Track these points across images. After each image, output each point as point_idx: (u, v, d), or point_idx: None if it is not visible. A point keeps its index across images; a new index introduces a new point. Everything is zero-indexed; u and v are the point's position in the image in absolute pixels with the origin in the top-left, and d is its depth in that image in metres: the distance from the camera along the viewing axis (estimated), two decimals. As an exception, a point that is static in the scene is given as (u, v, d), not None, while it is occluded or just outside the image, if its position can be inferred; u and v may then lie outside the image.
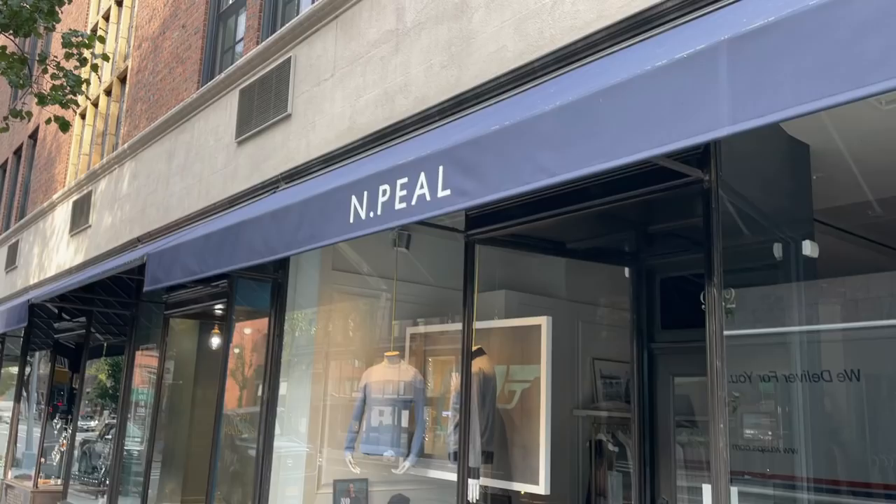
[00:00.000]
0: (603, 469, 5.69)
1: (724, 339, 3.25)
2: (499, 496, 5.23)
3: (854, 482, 4.54)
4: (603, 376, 6.22)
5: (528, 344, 5.08)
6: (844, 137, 3.96)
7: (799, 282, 4.27)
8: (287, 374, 6.24)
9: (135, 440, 8.48)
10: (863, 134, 3.91)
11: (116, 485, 8.21)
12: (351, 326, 6.62)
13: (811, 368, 4.44)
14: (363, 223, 3.45)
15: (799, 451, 4.27)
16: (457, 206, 2.96)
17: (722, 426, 3.14)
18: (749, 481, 4.27)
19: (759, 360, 4.58)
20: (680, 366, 4.76)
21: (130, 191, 9.48)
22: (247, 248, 4.28)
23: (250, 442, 6.31)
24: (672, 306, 4.99)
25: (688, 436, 4.90)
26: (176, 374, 8.63)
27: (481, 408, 4.85)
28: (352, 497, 5.61)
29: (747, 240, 4.03)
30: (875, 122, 3.78)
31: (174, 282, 5.15)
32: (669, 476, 4.73)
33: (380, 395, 5.55)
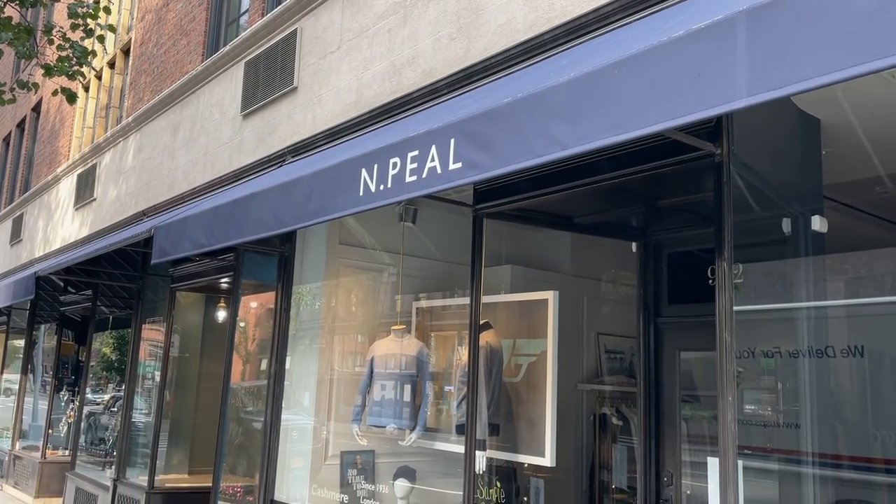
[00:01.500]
0: (607, 442, 5.73)
1: (734, 313, 3.26)
2: (503, 468, 5.28)
3: (856, 457, 4.58)
4: (607, 351, 6.25)
5: (534, 318, 5.10)
6: (856, 111, 3.94)
7: (807, 257, 4.27)
8: (293, 349, 6.28)
9: (141, 412, 8.56)
10: (875, 108, 3.89)
11: (124, 455, 8.30)
12: (356, 301, 6.64)
13: (816, 344, 4.46)
14: (373, 196, 3.45)
15: (802, 426, 4.30)
16: (468, 178, 2.96)
17: (730, 399, 3.16)
18: (751, 456, 4.30)
19: (764, 335, 4.60)
20: (686, 340, 4.78)
21: (135, 164, 9.46)
22: (256, 221, 4.28)
23: (256, 415, 6.37)
24: (679, 281, 5.00)
25: (692, 410, 4.93)
26: (182, 348, 8.68)
27: (488, 381, 4.89)
28: (359, 468, 5.68)
29: (756, 215, 4.03)
30: (887, 96, 3.76)
31: (182, 254, 5.16)
32: (674, 450, 4.77)
33: (384, 369, 5.59)
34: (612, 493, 5.49)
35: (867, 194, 5.12)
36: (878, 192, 5.17)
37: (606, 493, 5.55)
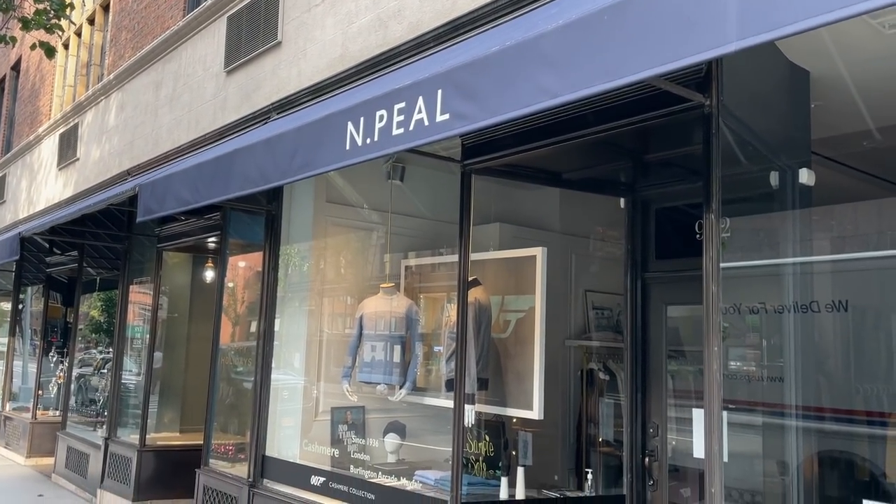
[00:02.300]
0: (594, 397, 5.81)
1: (720, 265, 3.28)
2: (492, 422, 5.35)
3: (838, 409, 4.67)
4: (595, 307, 6.29)
5: (522, 275, 5.11)
6: (846, 63, 3.91)
7: (794, 210, 4.28)
8: (282, 310, 6.28)
9: (131, 373, 8.57)
10: (865, 60, 3.86)
11: (115, 415, 8.34)
12: (345, 261, 6.63)
13: (801, 300, 4.49)
14: (360, 150, 3.41)
15: (786, 380, 4.36)
16: (456, 130, 2.92)
17: (716, 349, 3.19)
18: (735, 410, 4.35)
19: (750, 291, 4.64)
20: (673, 294, 4.82)
21: (118, 123, 9.31)
22: (241, 177, 4.23)
23: (247, 375, 6.40)
24: (666, 237, 5.01)
25: (678, 366, 4.99)
26: (171, 308, 8.67)
27: (477, 336, 4.91)
28: (349, 424, 5.73)
29: (744, 168, 4.02)
30: (878, 48, 3.73)
31: (167, 212, 5.11)
32: (660, 403, 4.84)
33: (373, 330, 5.60)
34: (599, 447, 5.58)
35: (854, 148, 5.12)
36: (866, 147, 5.17)
37: (593, 446, 5.64)
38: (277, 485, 5.66)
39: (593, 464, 5.48)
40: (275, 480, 5.71)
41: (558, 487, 5.17)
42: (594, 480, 5.20)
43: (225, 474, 6.27)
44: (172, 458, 7.62)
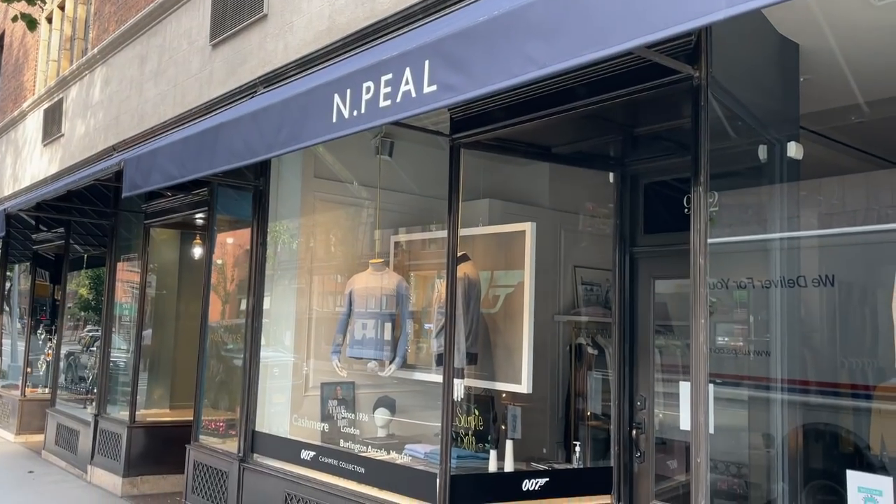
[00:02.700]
0: (582, 371, 5.84)
1: (708, 237, 3.28)
2: (482, 397, 5.38)
3: (823, 383, 4.72)
4: (584, 283, 6.30)
5: (512, 250, 5.11)
6: (836, 36, 3.89)
7: (782, 184, 4.29)
8: (272, 288, 6.26)
9: (120, 351, 8.55)
10: (855, 33, 3.84)
11: (104, 392, 8.33)
12: (334, 237, 6.60)
13: (788, 274, 4.52)
14: (346, 122, 3.37)
15: (773, 354, 4.39)
16: (443, 101, 2.90)
17: (703, 322, 3.21)
18: (722, 384, 4.39)
19: (737, 266, 4.66)
20: (661, 269, 4.83)
21: (103, 98, 9.19)
22: (227, 151, 4.19)
23: (236, 352, 6.39)
24: (655, 211, 5.01)
25: (666, 340, 5.02)
26: (159, 285, 8.63)
27: (466, 311, 4.92)
28: (339, 399, 5.75)
29: (732, 142, 4.02)
30: (868, 21, 3.71)
31: (153, 187, 5.06)
32: (648, 376, 4.87)
33: (364, 308, 5.59)
34: (587, 420, 5.62)
35: (843, 123, 5.12)
36: (854, 121, 5.17)
37: (581, 419, 5.68)
38: (268, 459, 5.69)
39: (581, 437, 5.53)
40: (265, 455, 5.73)
41: (547, 460, 5.21)
42: (582, 453, 5.25)
43: (215, 450, 6.28)
44: (162, 434, 7.63)
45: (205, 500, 6.20)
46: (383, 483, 4.71)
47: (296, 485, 5.22)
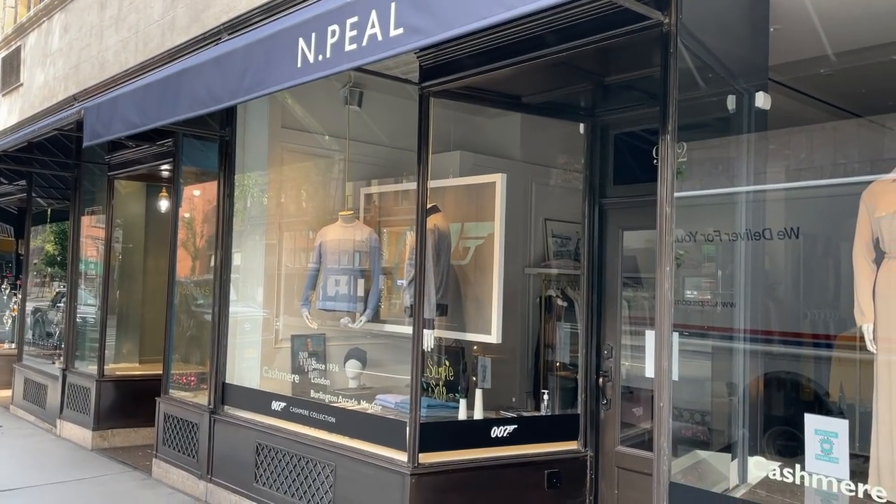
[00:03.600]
0: (552, 323, 5.90)
1: (675, 186, 3.30)
2: (452, 348, 5.42)
3: (786, 332, 4.82)
4: (554, 236, 6.33)
5: (482, 202, 5.10)
6: (807, -16, 3.87)
7: (749, 134, 4.30)
8: (242, 244, 6.18)
9: (88, 306, 8.45)
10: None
11: (72, 347, 8.25)
12: (304, 190, 6.52)
13: (754, 227, 4.56)
14: (311, 67, 3.30)
15: (737, 305, 4.46)
16: (410, 45, 2.84)
17: (668, 269, 3.25)
18: (688, 335, 4.45)
19: (704, 219, 4.70)
20: (630, 220, 4.86)
21: (62, 45, 8.88)
22: (189, 98, 4.08)
23: (206, 307, 6.34)
24: (624, 162, 5.02)
25: (634, 293, 5.09)
26: (125, 239, 8.49)
27: (436, 263, 4.92)
28: (309, 351, 5.75)
29: (701, 92, 4.01)
30: (838, -32, 3.69)
31: (114, 136, 4.93)
32: (615, 325, 4.94)
33: (336, 264, 5.56)
34: (557, 370, 5.70)
35: (810, 73, 5.12)
36: (822, 73, 5.18)
37: (551, 370, 5.76)
38: (238, 411, 5.70)
39: (550, 387, 5.61)
40: (236, 407, 5.74)
41: (516, 409, 5.30)
42: (550, 401, 5.34)
43: (185, 402, 6.28)
44: (132, 387, 7.60)
45: (176, 451, 6.21)
46: (354, 432, 4.76)
47: (267, 435, 5.25)
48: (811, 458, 3.17)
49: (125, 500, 5.77)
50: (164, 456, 6.37)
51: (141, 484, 6.24)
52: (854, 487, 2.98)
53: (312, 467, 4.84)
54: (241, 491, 5.40)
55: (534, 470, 4.58)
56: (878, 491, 3.01)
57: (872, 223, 3.28)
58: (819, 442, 3.21)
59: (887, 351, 3.20)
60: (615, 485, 4.77)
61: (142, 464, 6.79)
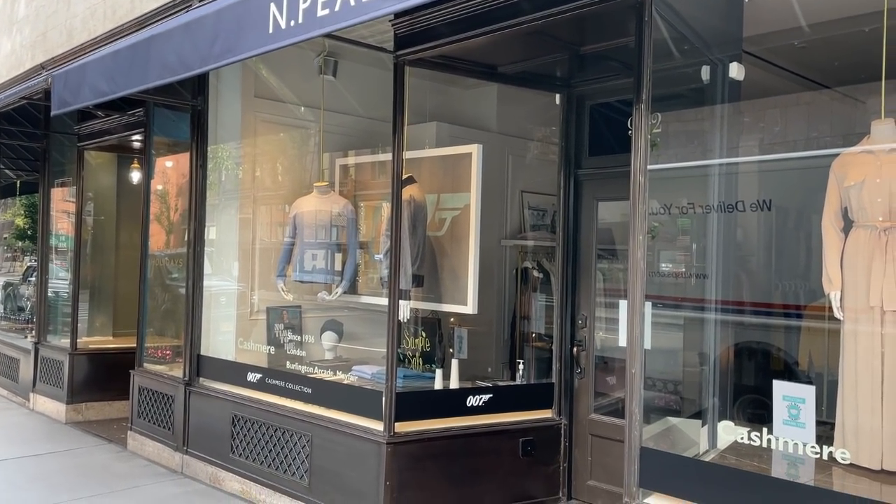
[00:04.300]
0: (528, 294, 5.94)
1: (648, 155, 3.31)
2: (429, 319, 5.44)
3: (757, 303, 4.90)
4: (530, 208, 6.34)
5: (458, 172, 5.08)
6: (782, -46, 3.87)
7: (723, 105, 4.32)
8: (217, 217, 6.11)
9: (60, 280, 8.33)
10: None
11: (43, 321, 8.15)
12: (278, 162, 6.45)
13: (727, 199, 4.61)
14: (283, 33, 3.25)
15: (710, 277, 4.51)
16: (384, 10, 2.80)
17: (641, 238, 3.27)
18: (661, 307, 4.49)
19: (679, 192, 4.74)
20: (605, 191, 4.88)
21: (29, 13, 8.65)
22: (159, 65, 4.00)
23: (181, 281, 6.28)
24: (600, 133, 5.03)
25: (609, 265, 5.13)
26: (97, 212, 8.36)
27: (413, 234, 4.91)
28: (285, 323, 5.74)
29: (676, 62, 4.02)
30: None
31: (83, 104, 4.83)
32: (589, 295, 4.98)
33: (313, 238, 5.52)
34: (532, 341, 5.75)
35: (784, 44, 5.14)
36: (796, 46, 5.20)
37: (527, 341, 5.81)
38: (214, 383, 5.69)
39: (526, 357, 5.66)
40: (211, 379, 5.73)
41: (492, 379, 5.34)
42: (526, 371, 5.39)
43: (161, 374, 6.25)
44: (106, 361, 7.54)
45: (151, 424, 6.19)
46: (330, 402, 4.77)
47: (243, 406, 5.25)
48: (779, 423, 3.24)
49: (100, 472, 5.75)
50: (139, 428, 6.35)
51: (116, 456, 6.22)
52: (819, 450, 3.06)
53: (289, 438, 4.85)
54: (218, 462, 5.41)
55: (508, 438, 4.63)
56: (843, 453, 3.09)
57: (842, 192, 3.33)
58: (787, 408, 3.28)
59: (853, 320, 3.26)
60: (588, 452, 4.85)
61: (117, 437, 6.76)
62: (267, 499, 4.97)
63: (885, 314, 3.16)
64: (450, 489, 4.41)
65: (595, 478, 4.82)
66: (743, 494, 3.03)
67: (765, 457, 3.26)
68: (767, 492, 2.99)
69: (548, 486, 4.81)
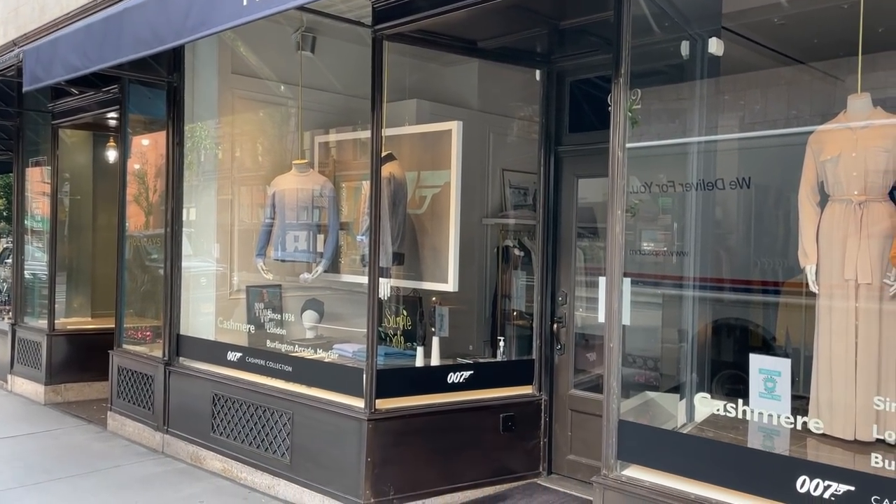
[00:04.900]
0: (509, 273, 5.95)
1: (627, 130, 3.31)
2: (410, 297, 5.43)
3: (736, 280, 4.94)
4: (512, 186, 6.34)
5: (438, 149, 5.06)
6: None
7: (702, 86, 4.32)
8: (197, 198, 6.04)
9: (36, 260, 8.23)
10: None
11: (20, 302, 8.05)
12: (257, 141, 6.37)
13: (706, 177, 4.62)
14: (258, 5, 3.19)
15: (689, 255, 4.53)
16: (359, -20, 2.75)
17: (619, 213, 3.28)
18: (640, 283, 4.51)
19: (659, 170, 4.75)
20: (585, 168, 4.88)
21: (-2, -12, 8.44)
22: (132, 39, 3.93)
23: (161, 262, 6.22)
24: (580, 110, 5.02)
25: (590, 243, 5.14)
26: (73, 191, 8.24)
27: (393, 212, 4.89)
28: (265, 302, 5.71)
29: (655, 38, 4.01)
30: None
31: (56, 80, 4.73)
32: (569, 272, 5.00)
33: (294, 219, 5.47)
34: (513, 319, 5.77)
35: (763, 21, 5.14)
36: (776, 23, 5.20)
37: (508, 319, 5.83)
38: (194, 362, 5.66)
39: (507, 334, 5.68)
40: (191, 358, 5.70)
41: (473, 356, 5.36)
42: (507, 348, 5.42)
43: (140, 354, 6.21)
44: (85, 341, 7.47)
45: (131, 404, 6.16)
46: (311, 380, 4.77)
47: (223, 385, 5.23)
48: (755, 395, 3.28)
49: (80, 452, 5.72)
50: (118, 409, 6.31)
51: (96, 437, 6.19)
52: (793, 420, 3.10)
53: (270, 416, 4.85)
54: (199, 441, 5.39)
55: (489, 414, 4.66)
56: (816, 423, 3.14)
57: (818, 167, 3.35)
58: (763, 381, 3.32)
59: (828, 294, 3.30)
60: (568, 426, 4.89)
61: (97, 417, 6.72)
62: (248, 477, 4.97)
63: (859, 287, 3.20)
64: (431, 465, 4.43)
65: (575, 452, 4.86)
66: (719, 465, 3.07)
67: (741, 429, 3.30)
68: (743, 462, 3.03)
69: (528, 461, 4.85)
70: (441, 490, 4.46)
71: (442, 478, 4.47)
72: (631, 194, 4.53)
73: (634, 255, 4.81)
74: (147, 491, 4.86)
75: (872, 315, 3.16)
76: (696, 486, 3.10)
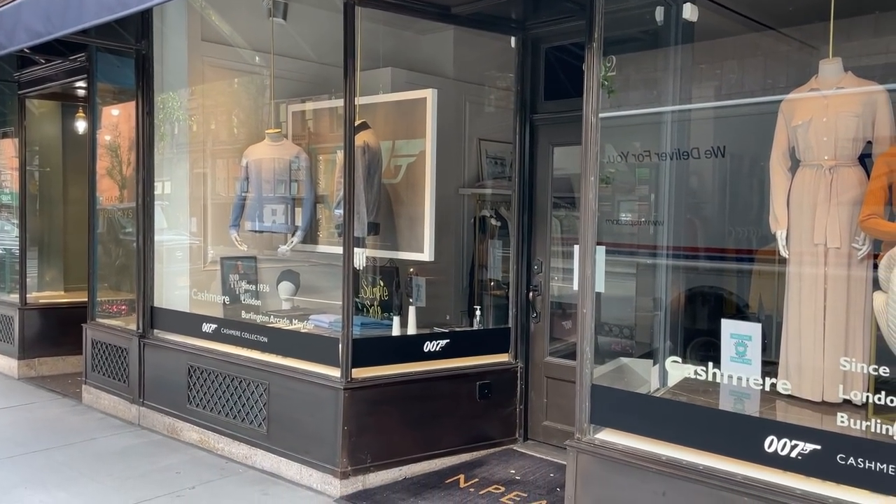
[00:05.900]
0: (486, 242, 5.95)
1: (601, 96, 3.30)
2: (386, 268, 5.42)
3: (710, 248, 4.99)
4: (488, 156, 6.31)
5: (413, 118, 5.01)
6: None
7: (677, 53, 4.31)
8: (171, 172, 5.94)
9: (5, 233, 8.08)
10: None
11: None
12: (229, 112, 6.26)
13: (682, 146, 4.63)
14: (225, -33, 3.11)
15: (664, 224, 4.56)
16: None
17: (592, 179, 3.28)
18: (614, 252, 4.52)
19: (634, 140, 4.74)
20: (560, 136, 4.87)
21: (-42, -48, 8.16)
22: (96, 3, 3.82)
23: (133, 235, 6.13)
24: (555, 77, 4.99)
25: (567, 212, 5.15)
26: (42, 163, 8.08)
27: (368, 181, 4.85)
28: (240, 273, 5.66)
29: (630, 3, 3.98)
30: None
31: (19, 46, 4.60)
32: (545, 241, 5.01)
33: (271, 192, 5.41)
34: (491, 289, 5.79)
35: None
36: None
37: (485, 289, 5.84)
38: (169, 334, 5.62)
39: (484, 304, 5.70)
40: (166, 331, 5.65)
41: (450, 326, 5.38)
42: (483, 317, 5.44)
43: (114, 327, 6.15)
44: (58, 315, 7.38)
45: (106, 377, 6.12)
46: (287, 351, 4.76)
47: (198, 357, 5.20)
48: (726, 360, 3.33)
49: (56, 426, 5.68)
50: (93, 382, 6.26)
51: (71, 410, 6.14)
52: (762, 382, 3.15)
53: (246, 386, 4.84)
54: (175, 413, 5.38)
55: (465, 381, 4.69)
56: (784, 384, 3.19)
57: (789, 132, 3.37)
58: (734, 345, 3.36)
59: (798, 261, 3.34)
60: (544, 393, 4.94)
61: (72, 391, 6.67)
62: (225, 447, 4.97)
63: (828, 252, 3.23)
64: (408, 432, 4.46)
65: (550, 418, 4.92)
66: (689, 427, 3.12)
67: (713, 392, 3.36)
68: (713, 423, 3.09)
69: (504, 428, 4.90)
70: (418, 457, 4.50)
71: (419, 445, 4.50)
72: (607, 164, 4.55)
73: (611, 226, 4.83)
74: (123, 462, 4.85)
75: (840, 280, 3.20)
76: (667, 448, 3.15)
